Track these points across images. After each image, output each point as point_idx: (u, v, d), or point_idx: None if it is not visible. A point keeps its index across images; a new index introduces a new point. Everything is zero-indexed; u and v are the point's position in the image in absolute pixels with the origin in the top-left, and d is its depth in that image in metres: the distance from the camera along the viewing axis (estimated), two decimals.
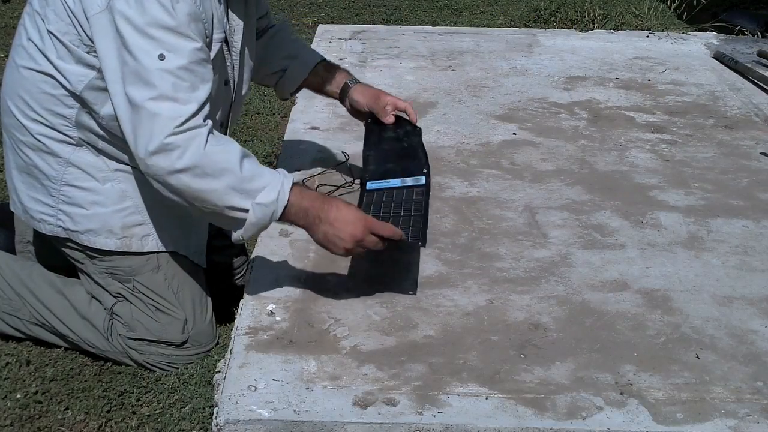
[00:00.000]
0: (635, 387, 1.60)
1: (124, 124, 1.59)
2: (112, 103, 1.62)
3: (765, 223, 2.24)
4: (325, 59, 2.20)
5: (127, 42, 1.57)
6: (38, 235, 2.02)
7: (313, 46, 3.64)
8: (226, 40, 1.76)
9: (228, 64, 1.81)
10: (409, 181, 1.96)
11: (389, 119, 2.14)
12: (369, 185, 1.97)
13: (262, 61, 2.12)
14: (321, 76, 2.17)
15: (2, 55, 3.77)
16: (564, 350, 1.70)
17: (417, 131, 2.16)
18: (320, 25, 4.05)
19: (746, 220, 2.25)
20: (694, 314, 1.83)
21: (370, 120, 2.16)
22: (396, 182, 1.96)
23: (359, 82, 2.18)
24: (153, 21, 1.57)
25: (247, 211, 1.61)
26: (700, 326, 1.80)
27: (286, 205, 1.63)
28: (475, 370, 1.63)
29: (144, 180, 1.81)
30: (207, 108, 1.62)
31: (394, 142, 2.10)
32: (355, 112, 2.21)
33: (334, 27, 3.99)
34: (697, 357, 1.69)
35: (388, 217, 1.81)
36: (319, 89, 2.21)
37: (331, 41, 3.70)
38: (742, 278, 1.98)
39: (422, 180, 1.95)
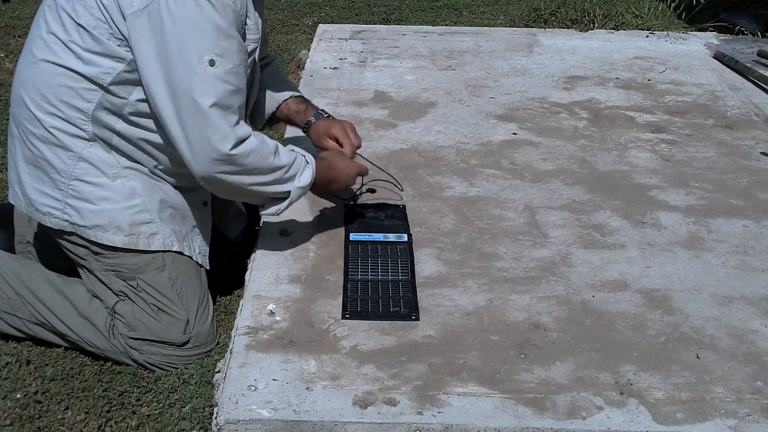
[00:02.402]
0: (635, 387, 1.60)
1: (173, 129, 1.66)
2: (155, 105, 1.66)
3: (765, 223, 2.24)
4: (295, 95, 2.18)
5: (175, 44, 1.60)
6: (39, 236, 2.02)
7: (313, 46, 3.65)
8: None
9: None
10: (391, 237, 2.05)
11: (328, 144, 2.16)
12: (352, 236, 2.04)
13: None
14: (290, 109, 2.17)
15: (2, 55, 3.77)
16: (564, 350, 1.70)
17: (401, 209, 2.22)
18: (320, 24, 4.05)
19: (746, 220, 2.25)
20: (694, 314, 1.84)
21: (352, 203, 2.23)
22: (379, 236, 2.05)
23: (322, 117, 2.15)
24: (205, 22, 1.60)
25: (289, 192, 1.81)
26: (700, 326, 1.80)
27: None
28: (475, 370, 1.63)
29: (154, 180, 1.82)
30: (244, 109, 1.75)
31: (376, 217, 2.17)
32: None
33: (334, 27, 3.99)
34: (697, 357, 1.70)
35: (377, 281, 1.89)
36: (287, 122, 2.24)
37: (331, 41, 3.70)
38: (742, 278, 1.98)
39: (404, 237, 2.04)
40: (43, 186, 1.80)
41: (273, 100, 2.18)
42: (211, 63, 1.62)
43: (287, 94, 2.19)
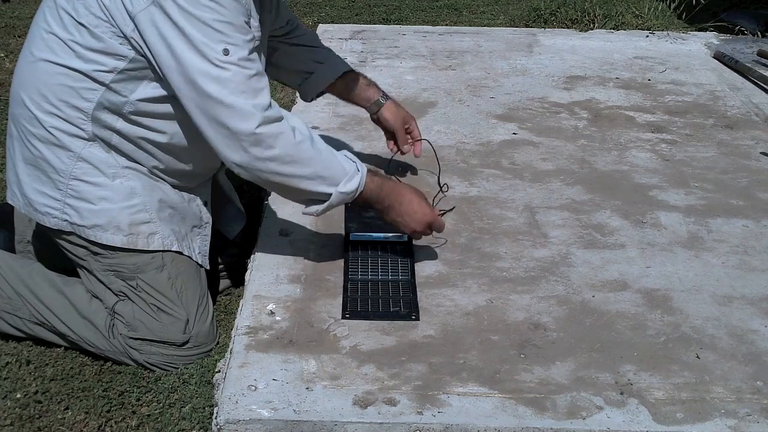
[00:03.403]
0: (635, 387, 1.60)
1: (199, 119, 1.67)
2: (180, 98, 1.67)
3: (765, 222, 2.24)
4: (352, 69, 2.25)
5: (190, 36, 1.61)
6: (38, 236, 2.02)
7: None
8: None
9: None
10: (391, 236, 2.02)
11: (405, 148, 2.31)
12: (352, 236, 2.02)
13: (289, 59, 2.19)
14: (348, 85, 2.24)
15: (2, 55, 3.77)
16: (564, 350, 1.70)
17: None
18: (320, 24, 4.05)
19: (746, 220, 2.25)
20: (694, 314, 1.84)
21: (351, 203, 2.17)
22: (379, 236, 2.03)
23: (389, 99, 2.28)
24: (213, 14, 1.61)
25: (330, 195, 1.76)
26: (700, 326, 1.80)
27: (362, 192, 1.80)
28: (475, 369, 1.63)
29: (153, 179, 1.82)
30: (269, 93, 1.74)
31: (376, 217, 2.09)
32: (380, 125, 2.33)
33: (334, 27, 3.99)
34: (697, 357, 1.70)
35: (377, 281, 1.89)
36: (345, 97, 2.29)
37: (331, 41, 3.70)
38: (742, 278, 1.98)
39: (404, 237, 2.00)
40: (42, 186, 1.80)
41: (330, 71, 2.21)
42: (225, 52, 1.63)
43: (342, 67, 2.23)
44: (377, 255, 1.97)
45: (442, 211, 2.08)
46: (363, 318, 1.77)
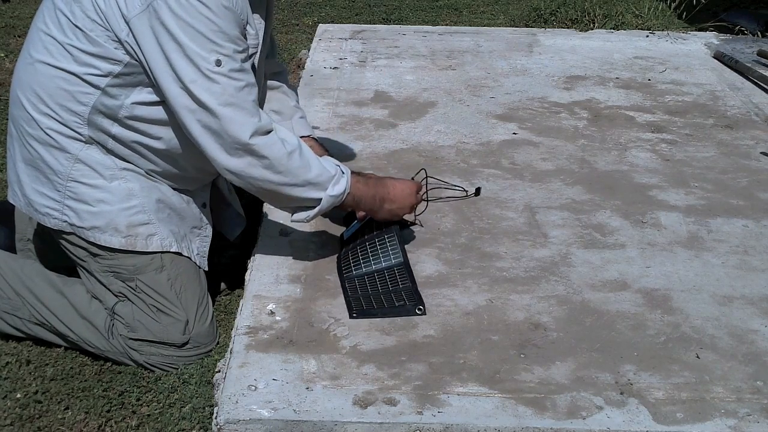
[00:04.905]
0: (635, 387, 1.60)
1: (191, 126, 1.67)
2: (170, 105, 1.67)
3: (765, 222, 2.24)
4: (311, 136, 2.19)
5: (183, 45, 1.62)
6: (39, 234, 2.02)
7: (313, 46, 3.64)
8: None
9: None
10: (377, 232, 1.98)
11: (360, 214, 2.01)
12: (345, 234, 2.02)
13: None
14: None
15: (2, 55, 3.77)
16: (564, 350, 1.70)
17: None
18: (320, 24, 4.05)
19: (746, 220, 2.25)
20: (694, 314, 1.84)
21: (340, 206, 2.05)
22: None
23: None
24: (207, 24, 1.61)
25: (320, 200, 1.79)
26: (700, 326, 1.80)
27: (350, 192, 1.83)
28: (475, 369, 1.63)
29: (151, 180, 1.82)
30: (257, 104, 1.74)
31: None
32: None
33: (334, 27, 3.99)
34: (697, 357, 1.70)
35: (372, 272, 1.88)
36: None
37: (331, 41, 3.70)
38: (742, 278, 1.98)
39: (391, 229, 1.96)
40: (41, 187, 1.80)
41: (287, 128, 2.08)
42: (218, 63, 1.64)
43: (303, 130, 2.16)
44: (365, 242, 1.95)
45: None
46: (370, 316, 1.77)
